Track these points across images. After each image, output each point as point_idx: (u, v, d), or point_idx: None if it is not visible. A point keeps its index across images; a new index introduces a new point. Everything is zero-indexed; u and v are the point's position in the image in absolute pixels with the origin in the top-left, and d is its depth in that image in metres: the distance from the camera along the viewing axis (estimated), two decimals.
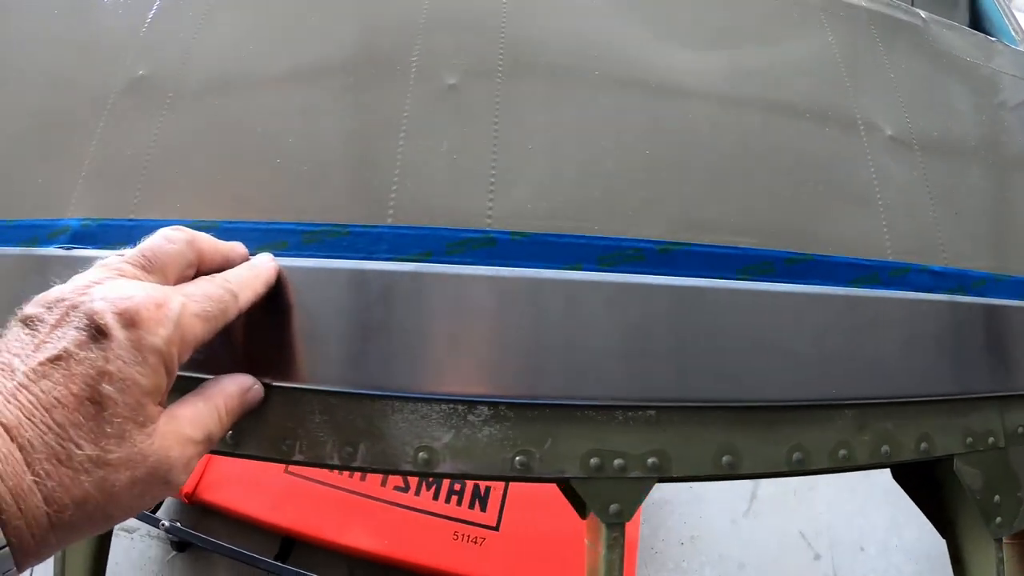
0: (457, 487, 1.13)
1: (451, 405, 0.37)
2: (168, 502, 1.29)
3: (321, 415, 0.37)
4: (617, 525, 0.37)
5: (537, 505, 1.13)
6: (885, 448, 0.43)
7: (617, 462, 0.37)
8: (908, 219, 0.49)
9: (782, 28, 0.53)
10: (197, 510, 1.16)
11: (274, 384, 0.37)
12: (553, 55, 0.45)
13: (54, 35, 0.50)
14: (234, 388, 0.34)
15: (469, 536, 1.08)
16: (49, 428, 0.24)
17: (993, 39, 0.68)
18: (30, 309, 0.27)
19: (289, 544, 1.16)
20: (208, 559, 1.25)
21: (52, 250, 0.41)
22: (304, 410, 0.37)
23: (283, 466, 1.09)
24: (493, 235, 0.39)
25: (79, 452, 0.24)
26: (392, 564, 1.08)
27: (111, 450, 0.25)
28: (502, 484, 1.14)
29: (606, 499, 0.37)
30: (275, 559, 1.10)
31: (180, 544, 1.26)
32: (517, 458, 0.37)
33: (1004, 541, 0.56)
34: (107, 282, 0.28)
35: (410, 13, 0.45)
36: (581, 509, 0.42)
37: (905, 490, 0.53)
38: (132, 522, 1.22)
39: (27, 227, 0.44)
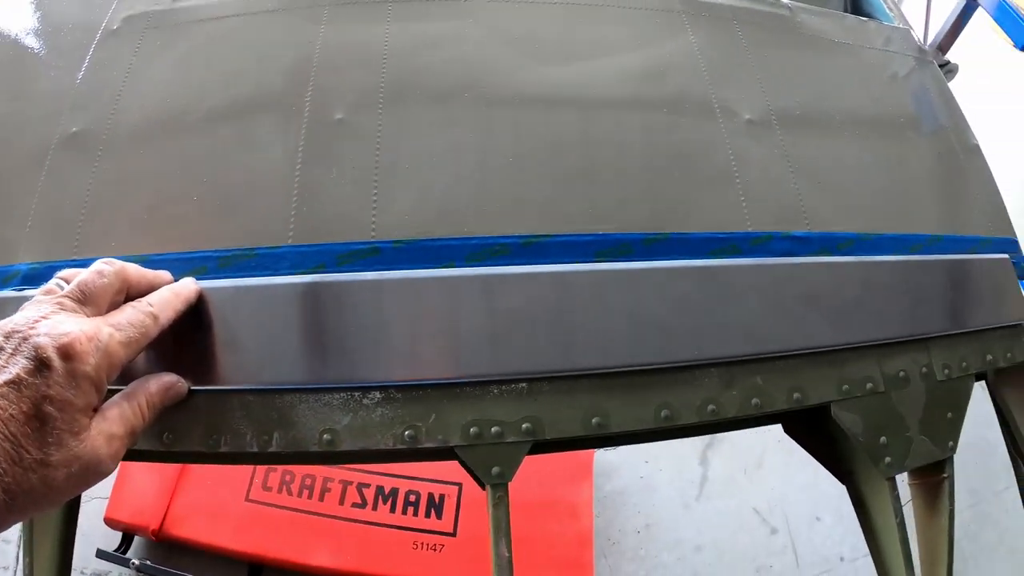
0: (412, 498, 1.16)
1: (348, 392, 0.43)
2: (137, 541, 1.28)
3: (241, 411, 0.43)
4: (500, 485, 0.42)
5: None
6: (755, 400, 0.47)
7: (494, 429, 0.43)
8: (767, 193, 0.54)
9: (644, 34, 0.59)
10: (166, 546, 1.18)
11: (202, 389, 0.43)
12: (428, 83, 0.52)
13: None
14: (156, 387, 0.40)
15: (428, 544, 1.12)
16: (7, 437, 0.30)
17: (865, 19, 0.73)
18: None
19: (257, 570, 1.17)
20: None
21: (7, 293, 0.48)
22: (227, 408, 0.43)
23: (244, 494, 1.14)
24: (377, 245, 0.46)
25: (28, 456, 0.31)
26: None
27: (51, 454, 0.32)
28: (455, 491, 1.17)
29: (487, 463, 0.42)
30: None
31: None
32: (406, 432, 0.42)
33: (909, 483, 0.59)
34: (51, 316, 0.35)
35: (304, 58, 0.53)
36: (479, 480, 0.47)
37: (800, 443, 0.56)
38: (103, 564, 1.21)
39: None
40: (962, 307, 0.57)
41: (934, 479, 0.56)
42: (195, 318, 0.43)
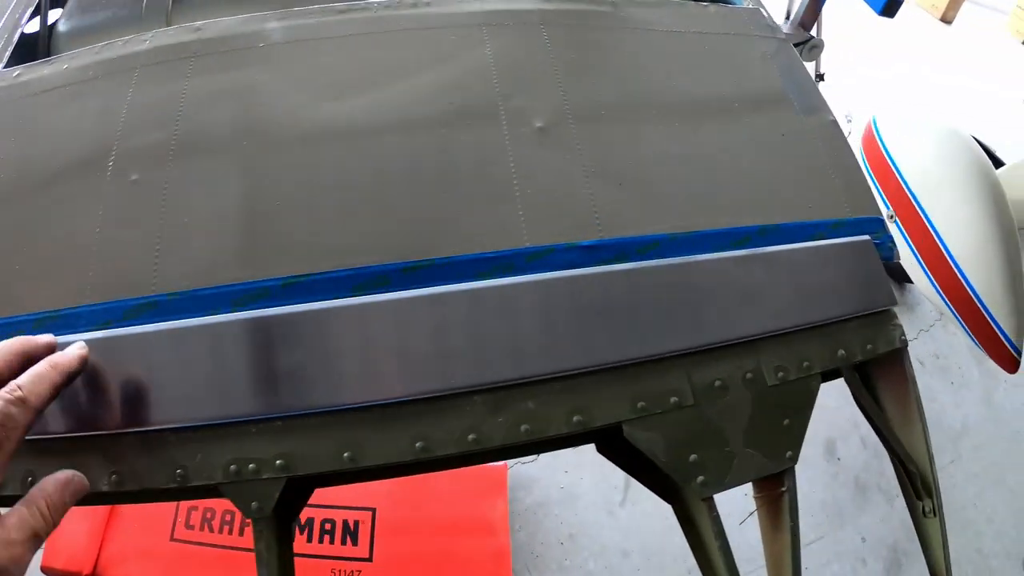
0: (328, 526, 1.16)
1: (135, 437, 0.47)
2: None
3: (48, 457, 0.48)
4: (260, 520, 0.44)
5: (404, 532, 1.16)
6: (525, 427, 0.45)
7: (251, 466, 0.45)
8: (554, 203, 0.50)
9: (435, 56, 0.57)
10: None
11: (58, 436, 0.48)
12: (210, 135, 0.54)
13: None
14: (52, 486, 0.38)
15: (346, 571, 1.11)
16: None
17: (707, 4, 0.65)
18: None
19: None
20: None
21: None
22: (40, 454, 0.48)
23: (169, 534, 1.17)
24: (155, 299, 0.49)
25: None
26: None
27: None
28: (369, 517, 1.18)
29: (246, 498, 0.44)
30: None
31: None
32: (178, 471, 0.45)
33: (754, 495, 0.53)
34: None
35: (111, 123, 0.56)
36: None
37: (621, 467, 0.52)
38: None
39: None
40: (803, 301, 0.51)
41: (773, 493, 0.50)
42: None
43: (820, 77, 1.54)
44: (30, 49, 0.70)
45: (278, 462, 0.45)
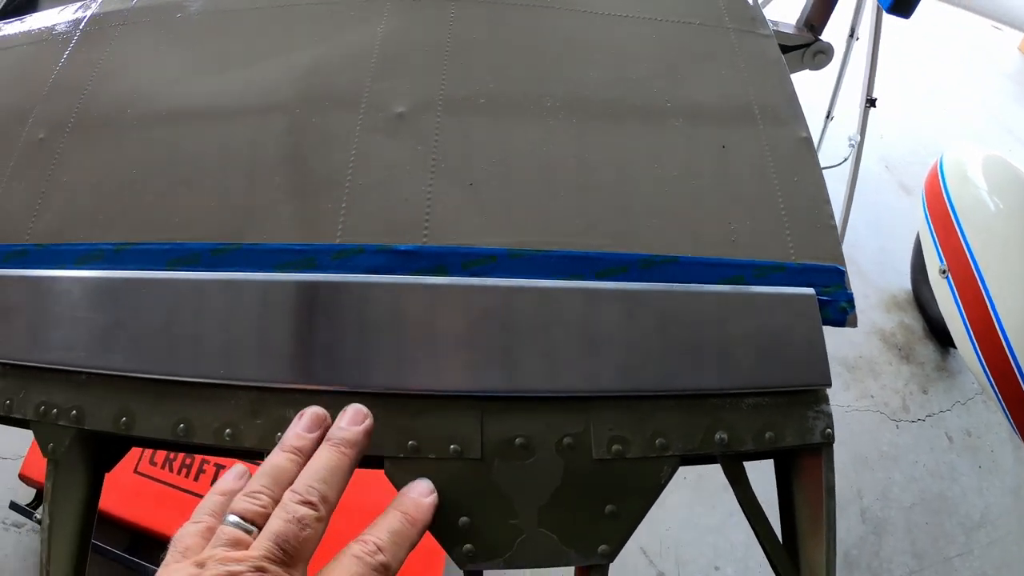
0: None
1: None
2: None
3: None
4: (52, 461, 0.44)
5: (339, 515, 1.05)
6: (279, 435, 0.39)
7: (54, 411, 0.44)
8: (380, 199, 0.42)
9: (324, 32, 0.50)
10: None
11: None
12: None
13: None
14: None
15: None
16: None
17: None
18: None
19: (138, 539, 1.12)
20: None
21: None
22: None
23: (134, 466, 1.14)
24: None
25: None
26: None
27: None
28: None
29: (45, 439, 0.44)
30: (124, 552, 1.08)
31: None
32: (6, 402, 0.46)
33: None
34: None
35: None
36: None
37: None
38: (20, 518, 1.18)
39: None
40: (679, 359, 0.38)
41: None
42: None
43: (871, 102, 1.23)
44: None
45: (72, 412, 0.44)
